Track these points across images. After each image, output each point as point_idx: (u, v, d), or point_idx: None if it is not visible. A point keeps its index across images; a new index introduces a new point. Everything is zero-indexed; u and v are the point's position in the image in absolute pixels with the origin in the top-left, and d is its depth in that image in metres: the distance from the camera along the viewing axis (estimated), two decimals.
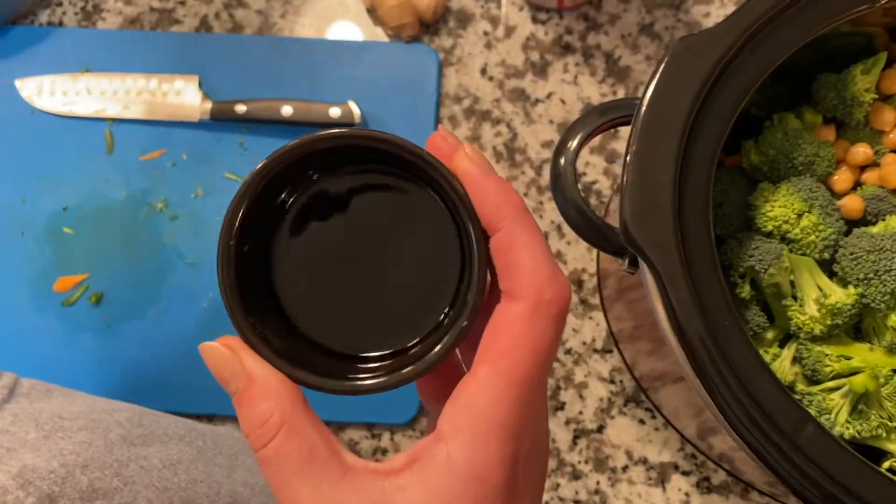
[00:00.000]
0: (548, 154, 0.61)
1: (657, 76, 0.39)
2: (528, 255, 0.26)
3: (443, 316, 0.29)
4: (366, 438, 0.59)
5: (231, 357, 0.26)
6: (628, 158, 0.39)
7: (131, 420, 0.45)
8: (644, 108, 0.39)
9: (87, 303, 0.60)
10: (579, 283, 0.59)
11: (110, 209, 0.61)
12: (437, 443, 0.25)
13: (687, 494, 0.57)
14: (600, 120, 0.45)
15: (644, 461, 0.57)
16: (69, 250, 0.60)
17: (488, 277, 0.28)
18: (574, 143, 0.45)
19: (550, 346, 0.26)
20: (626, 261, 0.43)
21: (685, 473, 0.57)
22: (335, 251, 0.29)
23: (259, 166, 0.27)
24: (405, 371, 0.27)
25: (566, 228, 0.60)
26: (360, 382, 0.28)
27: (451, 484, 0.24)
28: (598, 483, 0.57)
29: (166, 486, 0.42)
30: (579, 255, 0.60)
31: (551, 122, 0.62)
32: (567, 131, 0.45)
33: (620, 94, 0.62)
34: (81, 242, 0.60)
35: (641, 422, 0.58)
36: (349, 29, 0.64)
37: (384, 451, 0.58)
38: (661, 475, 0.57)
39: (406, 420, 0.58)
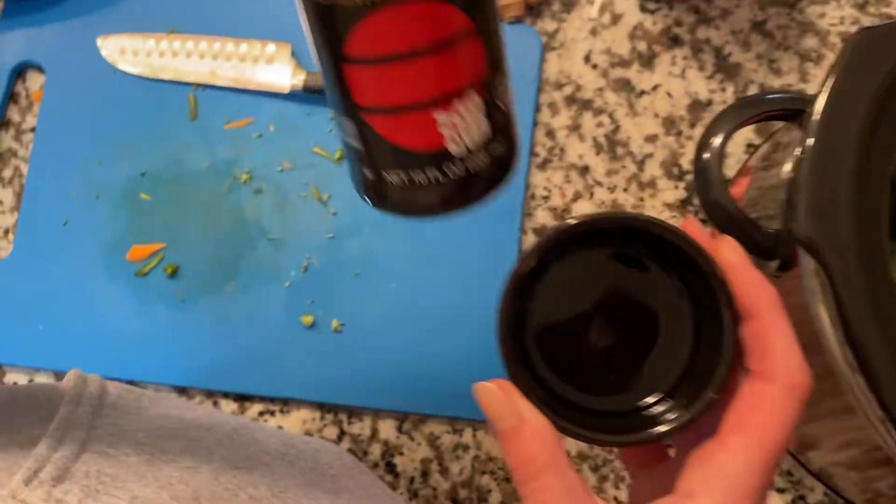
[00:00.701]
0: (651, 149, 0.59)
1: (838, 69, 0.37)
2: (784, 343, 0.29)
3: (675, 383, 0.33)
4: (447, 433, 0.56)
5: (506, 398, 0.29)
6: (805, 155, 0.36)
7: (231, 438, 0.42)
8: (823, 103, 0.36)
9: (162, 274, 0.57)
10: None
11: (191, 177, 0.58)
12: (688, 500, 0.28)
13: None
14: (744, 115, 0.43)
15: None
16: (145, 218, 0.58)
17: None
18: (718, 139, 0.43)
19: (794, 425, 0.29)
20: (776, 263, 0.41)
21: (780, 490, 0.55)
22: (582, 314, 0.33)
23: (544, 240, 0.30)
24: (651, 431, 0.31)
25: None
26: (608, 436, 0.31)
27: None
28: None
29: None
30: None
31: (656, 115, 0.59)
32: (710, 126, 0.43)
33: (729, 91, 0.59)
34: (158, 210, 0.58)
35: None
36: None
37: (465, 448, 0.56)
38: None
39: None
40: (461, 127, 0.28)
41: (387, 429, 0.56)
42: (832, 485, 0.54)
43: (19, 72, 0.63)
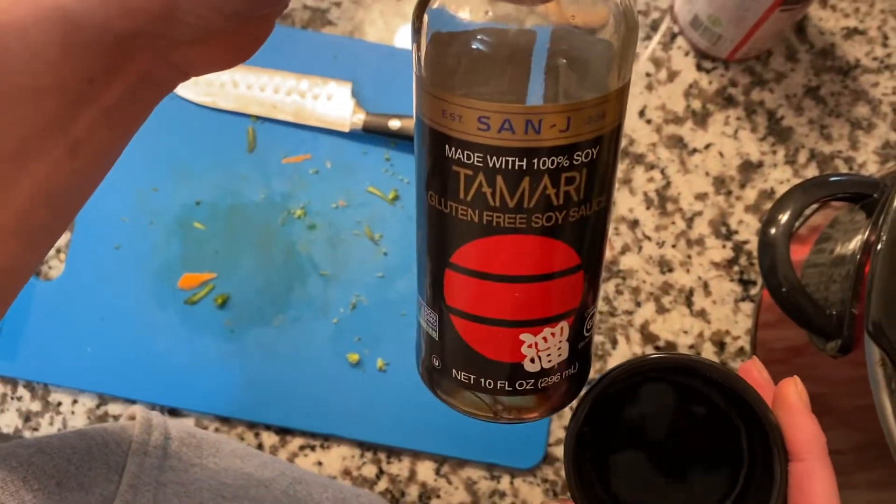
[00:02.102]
0: (701, 206, 0.59)
1: None
2: (825, 489, 0.30)
3: None
4: (484, 479, 0.56)
5: None
6: (878, 248, 0.37)
7: (288, 494, 0.43)
8: None
9: (212, 304, 0.57)
10: (721, 346, 0.58)
11: (245, 209, 0.59)
12: None
13: None
14: (811, 196, 0.44)
15: None
16: (198, 246, 0.58)
17: None
18: (785, 216, 0.43)
19: None
20: (837, 344, 0.42)
21: None
22: (641, 439, 0.36)
23: (613, 375, 0.32)
24: None
25: (713, 287, 0.58)
26: None
27: None
28: None
29: None
30: (723, 315, 0.58)
31: (707, 174, 0.60)
32: (777, 203, 0.44)
33: (780, 154, 0.60)
34: (211, 240, 0.58)
35: None
36: None
37: (502, 495, 0.56)
38: None
39: (530, 465, 0.56)
40: (543, 350, 0.29)
41: (425, 471, 0.57)
42: None
43: None
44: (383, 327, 0.57)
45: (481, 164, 0.25)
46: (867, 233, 0.41)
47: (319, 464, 0.57)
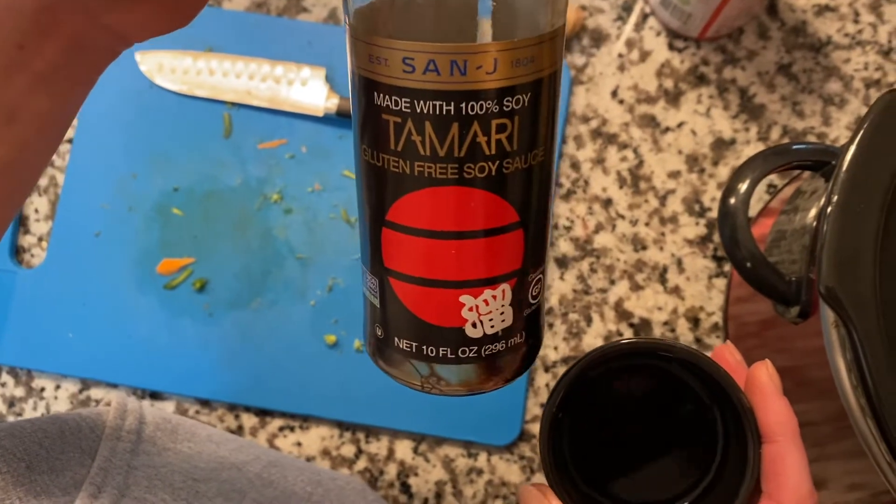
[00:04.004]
0: (673, 184, 0.60)
1: (864, 128, 0.38)
2: (796, 469, 0.31)
3: (702, 491, 0.35)
4: (462, 457, 0.57)
5: (541, 498, 0.32)
6: (829, 210, 0.37)
7: (261, 477, 0.44)
8: (848, 160, 0.37)
9: (190, 288, 0.58)
10: (695, 322, 0.58)
11: (222, 194, 0.59)
12: None
13: None
14: (771, 163, 0.44)
15: None
16: (176, 232, 0.59)
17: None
18: (745, 185, 0.44)
19: None
20: (796, 310, 0.42)
21: None
22: (616, 424, 0.36)
23: (586, 359, 0.32)
24: None
25: (686, 263, 0.59)
26: None
27: None
28: None
29: None
30: (697, 292, 0.58)
31: (680, 152, 0.60)
32: (737, 172, 0.44)
33: (753, 131, 0.60)
34: (190, 225, 0.59)
35: None
36: None
37: (479, 472, 0.57)
38: None
39: (506, 443, 0.56)
40: (484, 314, 0.28)
41: (403, 449, 0.57)
42: None
43: None
44: (360, 309, 0.57)
45: (409, 111, 0.25)
46: (823, 199, 0.41)
47: (299, 444, 0.57)
